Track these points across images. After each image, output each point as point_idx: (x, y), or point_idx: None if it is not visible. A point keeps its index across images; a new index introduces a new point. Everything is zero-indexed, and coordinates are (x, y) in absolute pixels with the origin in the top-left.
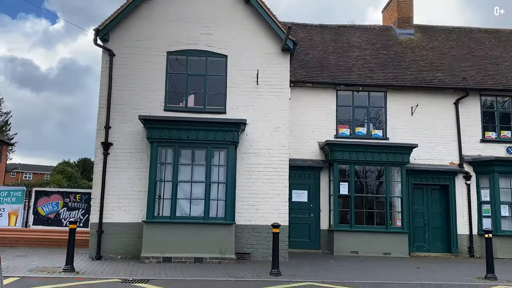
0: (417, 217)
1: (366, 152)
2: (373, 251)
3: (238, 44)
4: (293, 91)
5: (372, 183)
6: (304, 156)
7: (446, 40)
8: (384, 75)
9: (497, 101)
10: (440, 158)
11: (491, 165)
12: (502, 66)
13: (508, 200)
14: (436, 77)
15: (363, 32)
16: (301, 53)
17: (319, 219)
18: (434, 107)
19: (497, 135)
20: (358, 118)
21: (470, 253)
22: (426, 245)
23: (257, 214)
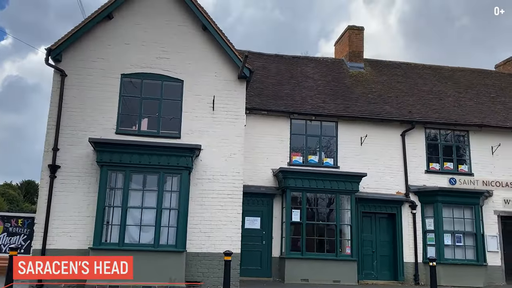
0: (365, 244)
1: (318, 180)
2: (323, 279)
3: (195, 69)
4: (249, 118)
5: (323, 211)
6: (258, 183)
7: (394, 74)
8: (335, 106)
9: (440, 134)
10: (388, 187)
11: (435, 195)
12: (444, 101)
13: (450, 229)
14: (384, 110)
15: (316, 64)
16: (257, 81)
17: (271, 247)
18: (382, 138)
19: (441, 166)
20: (310, 146)
21: (415, 281)
22: (374, 272)
23: (209, 241)
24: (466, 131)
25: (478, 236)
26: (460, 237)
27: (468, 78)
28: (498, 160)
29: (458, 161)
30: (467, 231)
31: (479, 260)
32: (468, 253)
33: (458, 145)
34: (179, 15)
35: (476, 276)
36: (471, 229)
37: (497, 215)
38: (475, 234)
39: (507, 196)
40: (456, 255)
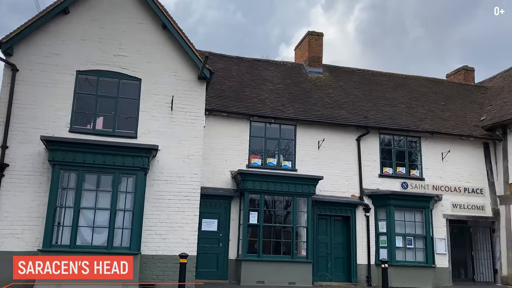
0: (321, 246)
1: (276, 182)
2: (279, 281)
3: (154, 69)
4: (208, 119)
5: (280, 213)
6: (216, 184)
7: (350, 80)
8: (294, 110)
9: (393, 139)
10: (343, 191)
11: (387, 198)
12: (398, 107)
13: (402, 232)
14: (341, 115)
15: (276, 67)
16: (217, 83)
17: (228, 249)
18: (338, 142)
19: (394, 170)
20: (269, 149)
21: (368, 282)
22: (328, 274)
23: (165, 244)
24: (418, 137)
25: (428, 239)
26: (411, 239)
27: (420, 86)
28: (448, 166)
29: (410, 166)
30: (418, 234)
31: (428, 262)
32: (418, 255)
33: (410, 150)
34: (139, 13)
35: (425, 278)
36: (421, 232)
37: (446, 219)
38: (425, 237)
39: (455, 201)
40: (407, 257)
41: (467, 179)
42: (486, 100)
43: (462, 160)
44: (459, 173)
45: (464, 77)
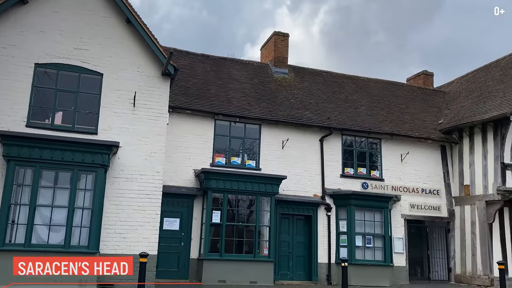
0: (283, 245)
1: (239, 181)
2: (240, 280)
3: (116, 63)
4: (172, 116)
5: (243, 212)
6: (178, 183)
7: (315, 82)
8: (259, 109)
9: (355, 140)
10: (306, 190)
11: (348, 198)
12: (360, 109)
13: (362, 231)
14: (305, 115)
15: (242, 66)
16: (182, 80)
17: (189, 248)
18: (302, 143)
19: (355, 171)
20: (234, 148)
21: (328, 281)
22: (290, 273)
23: (125, 243)
24: (379, 139)
25: (386, 238)
26: (370, 239)
27: (382, 89)
28: (406, 167)
29: (371, 167)
30: (377, 233)
31: (387, 261)
32: (377, 254)
33: (371, 151)
34: (102, 6)
35: (383, 276)
36: (380, 232)
37: (404, 219)
38: (384, 236)
39: (413, 201)
40: (366, 256)
41: (424, 180)
42: (444, 104)
43: (420, 162)
44: (417, 175)
45: (424, 81)
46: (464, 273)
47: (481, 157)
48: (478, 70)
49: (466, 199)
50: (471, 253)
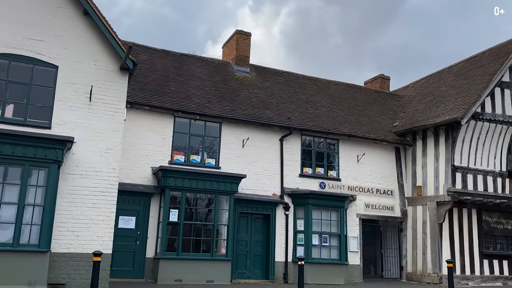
0: (241, 244)
1: (198, 180)
2: (197, 279)
3: (72, 56)
4: (130, 112)
5: (202, 211)
6: (135, 181)
7: (276, 82)
8: (220, 108)
9: (314, 141)
10: (265, 189)
11: (306, 197)
12: (320, 110)
13: (318, 230)
14: (266, 115)
15: (203, 64)
16: (141, 75)
17: (145, 247)
18: (262, 142)
19: (313, 171)
20: (193, 146)
21: (284, 279)
22: (247, 272)
23: (78, 241)
24: (337, 140)
25: (342, 237)
26: (326, 237)
27: (341, 91)
28: (362, 168)
29: (328, 167)
30: (333, 232)
31: (342, 259)
32: (333, 252)
33: (329, 152)
34: None
35: (338, 274)
36: (336, 231)
37: (359, 218)
38: (340, 235)
39: (368, 201)
40: (322, 255)
41: (379, 181)
42: (399, 108)
43: (375, 163)
44: (372, 175)
45: (381, 85)
46: (415, 271)
47: (433, 160)
48: (431, 76)
49: (418, 199)
50: (422, 252)
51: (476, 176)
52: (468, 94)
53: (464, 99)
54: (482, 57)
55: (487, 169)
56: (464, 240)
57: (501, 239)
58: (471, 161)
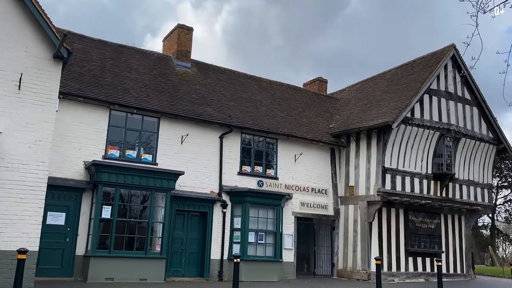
0: (176, 242)
1: (134, 175)
2: (130, 278)
3: (1, 41)
4: (62, 103)
5: (136, 208)
6: (67, 175)
7: (218, 79)
8: (159, 102)
9: (254, 139)
10: (203, 187)
11: (244, 195)
12: (260, 110)
13: (255, 228)
14: (206, 111)
15: (142, 56)
16: (75, 65)
17: (75, 244)
18: (202, 139)
19: (252, 169)
20: (129, 140)
21: (219, 277)
22: (181, 270)
23: (1, 238)
24: (276, 139)
25: (277, 235)
26: (262, 235)
27: (282, 92)
28: (299, 167)
29: (267, 166)
30: (269, 230)
31: (277, 257)
32: (268, 250)
33: (268, 151)
34: None
35: (273, 271)
36: (272, 228)
37: (294, 216)
38: (275, 233)
39: (304, 199)
40: (257, 252)
41: (315, 180)
42: (335, 110)
43: (311, 162)
44: (308, 175)
45: (319, 87)
46: (345, 268)
47: (365, 161)
48: (366, 80)
49: (350, 199)
50: (352, 250)
51: (404, 177)
52: (400, 99)
53: (396, 104)
54: (413, 65)
55: (415, 171)
56: (392, 239)
57: (425, 238)
58: (400, 163)
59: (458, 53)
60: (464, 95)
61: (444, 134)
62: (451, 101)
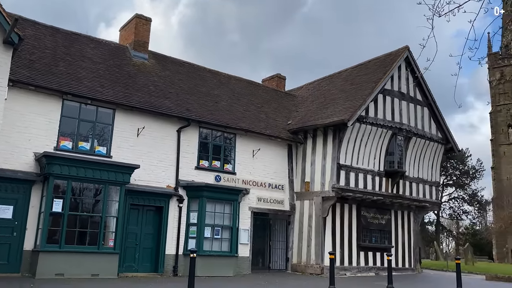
0: (130, 237)
1: (87, 168)
2: (81, 273)
3: None
4: (12, 91)
5: (89, 201)
6: (15, 166)
7: (177, 72)
8: (115, 93)
9: (212, 134)
10: (159, 181)
11: (201, 190)
12: (219, 104)
13: (211, 223)
14: (164, 104)
15: (98, 45)
16: (27, 52)
17: (23, 239)
18: (159, 132)
19: (209, 164)
20: (82, 132)
21: (174, 272)
22: (135, 265)
23: None
24: (234, 134)
25: (234, 230)
26: (219, 230)
27: (242, 87)
28: (257, 163)
29: (225, 161)
30: (225, 225)
31: (232, 252)
32: (224, 245)
33: (226, 146)
34: None
35: (228, 266)
36: (228, 223)
37: (251, 211)
38: (232, 228)
39: (261, 195)
40: (213, 247)
41: (272, 176)
42: (293, 107)
43: (269, 158)
44: (266, 170)
45: (277, 84)
46: (299, 262)
47: (321, 157)
48: (324, 79)
49: (305, 194)
50: (306, 244)
51: (358, 174)
52: (355, 98)
53: (351, 103)
54: (368, 65)
55: (368, 168)
56: (344, 234)
57: (376, 233)
58: (354, 160)
59: (412, 55)
60: (416, 96)
61: (396, 133)
62: (403, 101)
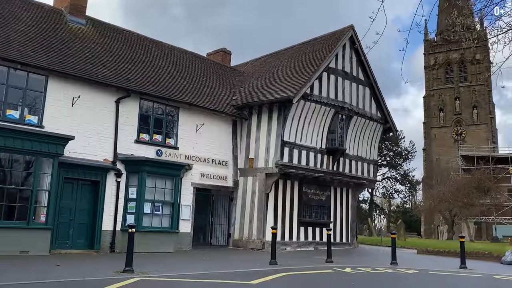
0: (63, 212)
1: (15, 138)
2: (9, 250)
3: None
4: None
5: (18, 174)
6: None
7: (116, 39)
8: (48, 59)
9: (154, 107)
10: (95, 154)
11: (141, 165)
12: (162, 76)
13: (151, 198)
14: (102, 73)
15: (29, 7)
16: None
17: None
18: (96, 102)
19: (150, 138)
20: (11, 99)
21: (111, 249)
22: (69, 241)
23: None
24: (177, 108)
25: (175, 206)
26: (159, 206)
27: (185, 59)
28: (201, 138)
29: (167, 135)
30: (166, 201)
31: (173, 228)
32: (164, 221)
33: (168, 119)
34: None
35: (168, 242)
36: (170, 199)
37: (194, 187)
38: (173, 203)
39: (204, 170)
40: (153, 223)
41: (216, 151)
42: (238, 82)
43: (213, 133)
44: (209, 145)
45: (222, 58)
46: (241, 238)
47: (265, 134)
48: (270, 55)
49: (249, 171)
50: (249, 220)
51: (301, 151)
52: (300, 75)
53: (297, 80)
54: (314, 43)
55: (310, 145)
56: (286, 209)
57: (316, 209)
58: (298, 137)
59: (356, 34)
60: (359, 76)
61: (339, 111)
62: (347, 80)
